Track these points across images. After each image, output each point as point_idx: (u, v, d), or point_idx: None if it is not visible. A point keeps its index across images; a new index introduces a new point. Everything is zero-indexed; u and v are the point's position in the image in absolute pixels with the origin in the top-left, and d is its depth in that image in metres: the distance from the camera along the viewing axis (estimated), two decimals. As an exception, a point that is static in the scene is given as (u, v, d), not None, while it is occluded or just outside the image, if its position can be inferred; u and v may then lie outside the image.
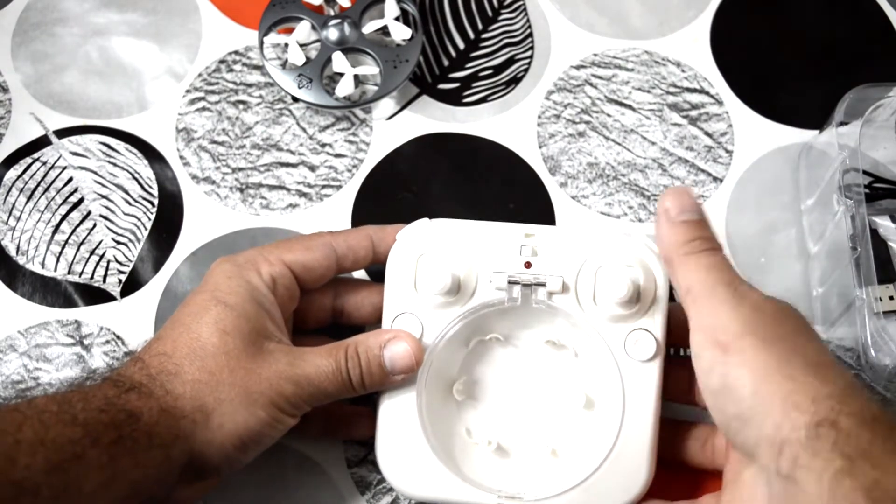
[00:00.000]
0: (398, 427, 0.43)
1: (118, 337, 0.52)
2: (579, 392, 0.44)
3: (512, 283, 0.43)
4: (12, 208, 0.54)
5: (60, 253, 0.53)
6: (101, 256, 0.53)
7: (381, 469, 0.44)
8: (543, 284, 0.43)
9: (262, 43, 0.57)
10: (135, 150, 0.56)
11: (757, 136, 0.56)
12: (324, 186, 0.55)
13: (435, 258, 0.44)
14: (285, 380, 0.40)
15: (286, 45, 0.57)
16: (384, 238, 0.46)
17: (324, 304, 0.47)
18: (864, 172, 0.52)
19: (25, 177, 0.55)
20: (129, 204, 0.55)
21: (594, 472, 0.42)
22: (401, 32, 0.57)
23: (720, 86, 0.57)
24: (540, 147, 0.56)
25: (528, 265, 0.43)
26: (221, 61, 0.58)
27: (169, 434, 0.38)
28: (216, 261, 0.44)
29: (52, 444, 0.35)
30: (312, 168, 0.56)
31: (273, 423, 0.41)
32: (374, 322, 0.47)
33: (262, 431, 0.40)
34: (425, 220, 0.45)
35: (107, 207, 0.54)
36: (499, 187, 0.55)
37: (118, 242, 0.54)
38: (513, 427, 0.45)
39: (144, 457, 0.37)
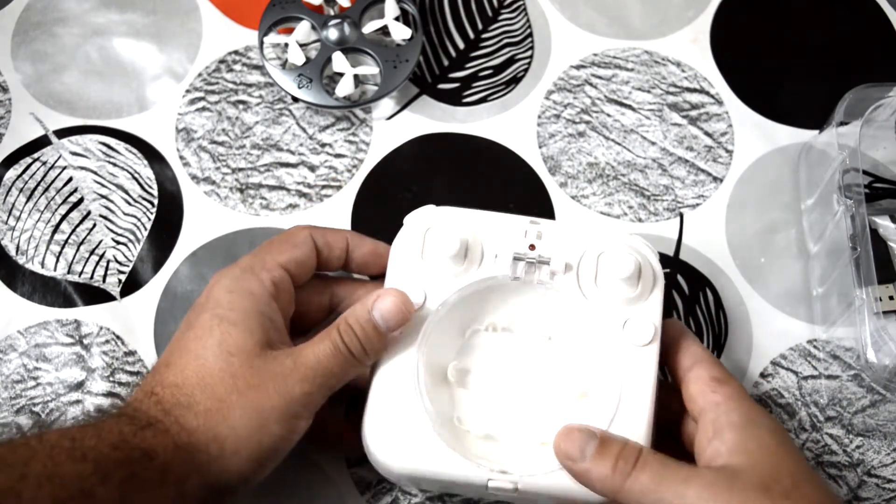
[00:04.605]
0: (390, 398, 0.43)
1: (118, 337, 0.52)
2: (574, 384, 0.45)
3: (517, 259, 0.44)
4: (12, 208, 0.54)
5: (60, 253, 0.53)
6: (101, 256, 0.53)
7: (367, 442, 0.43)
8: (547, 262, 0.44)
9: (262, 43, 0.57)
10: (135, 150, 0.56)
11: (757, 136, 0.56)
12: (324, 187, 0.55)
13: (443, 227, 0.45)
14: (292, 382, 0.40)
15: (286, 45, 0.57)
16: (360, 245, 0.46)
17: (321, 304, 0.47)
18: (864, 172, 0.52)
19: (25, 177, 0.55)
20: (129, 204, 0.55)
21: None
22: (401, 32, 0.57)
23: (720, 86, 0.57)
24: (540, 147, 0.56)
25: (532, 247, 0.44)
26: (221, 61, 0.58)
27: (184, 470, 0.38)
28: (215, 275, 0.44)
29: (59, 479, 0.35)
30: (312, 168, 0.56)
31: (287, 434, 0.40)
32: None
33: (277, 446, 0.40)
34: (431, 206, 0.46)
35: (107, 207, 0.54)
36: (499, 187, 0.55)
37: (118, 242, 0.54)
38: (504, 416, 0.45)
39: (158, 493, 0.37)
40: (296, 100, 0.57)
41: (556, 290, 0.44)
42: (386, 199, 0.55)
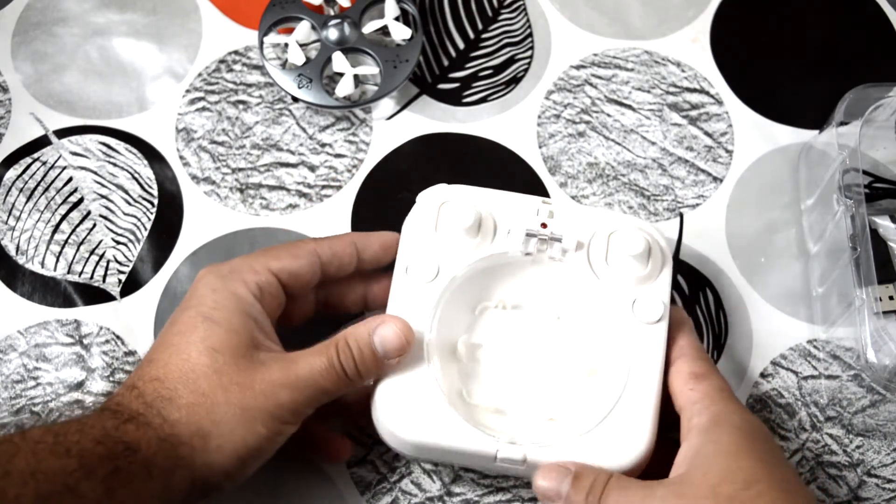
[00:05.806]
0: (401, 372, 0.43)
1: (118, 337, 0.52)
2: (583, 361, 0.45)
3: (529, 235, 0.45)
4: (12, 208, 0.54)
5: (60, 253, 0.53)
6: (101, 256, 0.53)
7: (376, 415, 0.43)
8: (559, 240, 0.45)
9: (262, 43, 0.57)
10: (135, 150, 0.56)
11: (757, 136, 0.56)
12: (324, 187, 0.55)
13: (458, 201, 0.45)
14: (280, 387, 0.40)
15: (286, 45, 0.57)
16: (368, 245, 0.47)
17: (307, 299, 0.47)
18: (864, 172, 0.52)
19: (25, 177, 0.55)
20: (129, 204, 0.55)
21: (595, 427, 0.42)
22: (401, 32, 0.57)
23: (720, 86, 0.57)
24: (540, 147, 0.56)
25: (543, 226, 0.45)
26: (221, 61, 0.58)
27: (168, 463, 0.38)
28: (200, 272, 0.44)
29: (43, 475, 0.35)
30: (312, 168, 0.56)
31: (273, 436, 0.40)
32: (359, 311, 0.48)
33: (261, 447, 0.40)
34: (444, 184, 0.47)
35: (107, 207, 0.54)
36: (499, 187, 0.55)
37: (118, 242, 0.54)
38: (514, 392, 0.45)
39: (143, 487, 0.37)
40: (296, 100, 0.57)
41: (567, 266, 0.45)
42: (386, 199, 0.55)
